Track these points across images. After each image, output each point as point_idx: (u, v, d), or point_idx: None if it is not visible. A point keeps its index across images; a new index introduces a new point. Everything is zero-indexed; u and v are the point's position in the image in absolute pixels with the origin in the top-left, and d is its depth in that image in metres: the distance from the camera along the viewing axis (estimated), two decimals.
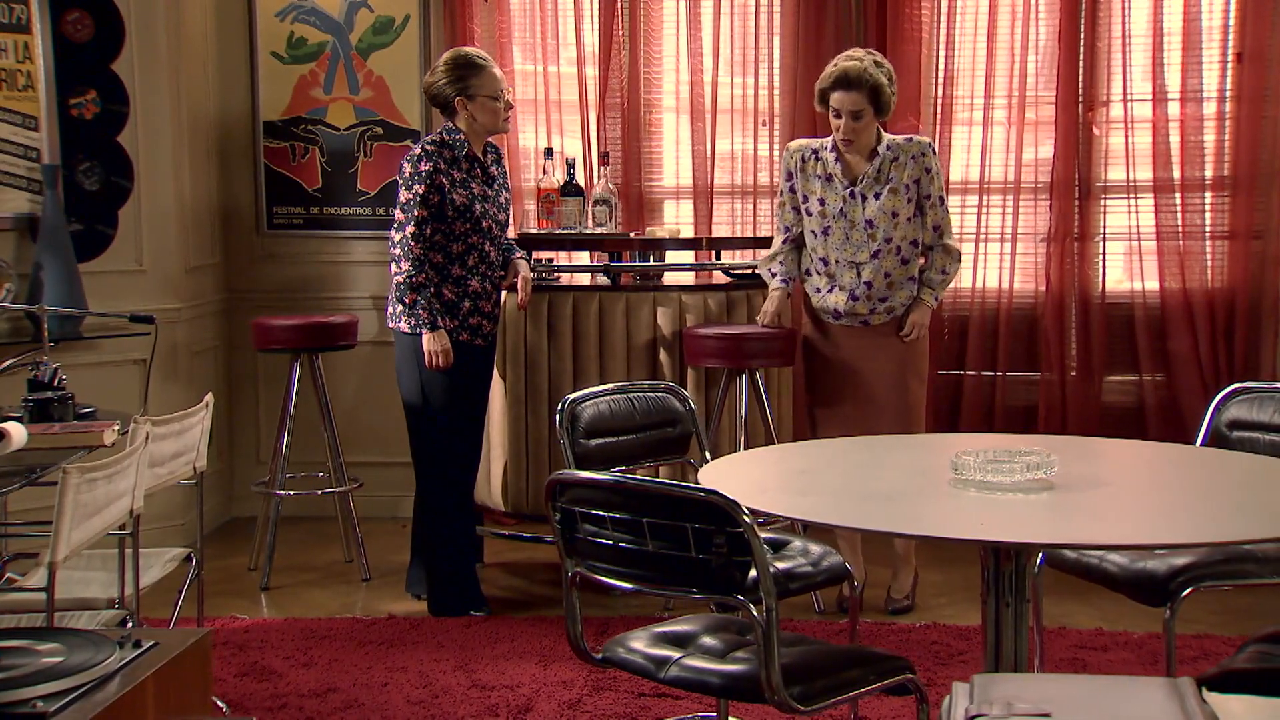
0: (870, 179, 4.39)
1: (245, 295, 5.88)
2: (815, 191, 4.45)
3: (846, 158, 4.42)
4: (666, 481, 2.60)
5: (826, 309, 4.48)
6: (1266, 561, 3.11)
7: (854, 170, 4.42)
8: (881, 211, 4.38)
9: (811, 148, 4.49)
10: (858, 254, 4.41)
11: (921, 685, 2.57)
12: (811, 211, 4.46)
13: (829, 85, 4.35)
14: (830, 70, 4.37)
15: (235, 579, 5.03)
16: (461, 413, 4.50)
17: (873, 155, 4.41)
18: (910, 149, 4.41)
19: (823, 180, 4.44)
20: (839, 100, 4.32)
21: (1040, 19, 5.54)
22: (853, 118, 4.31)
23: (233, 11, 5.81)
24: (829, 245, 4.43)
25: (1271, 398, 3.33)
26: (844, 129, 4.33)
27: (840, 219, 4.40)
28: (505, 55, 5.72)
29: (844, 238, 4.41)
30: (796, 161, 4.50)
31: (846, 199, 4.40)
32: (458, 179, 4.39)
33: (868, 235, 4.39)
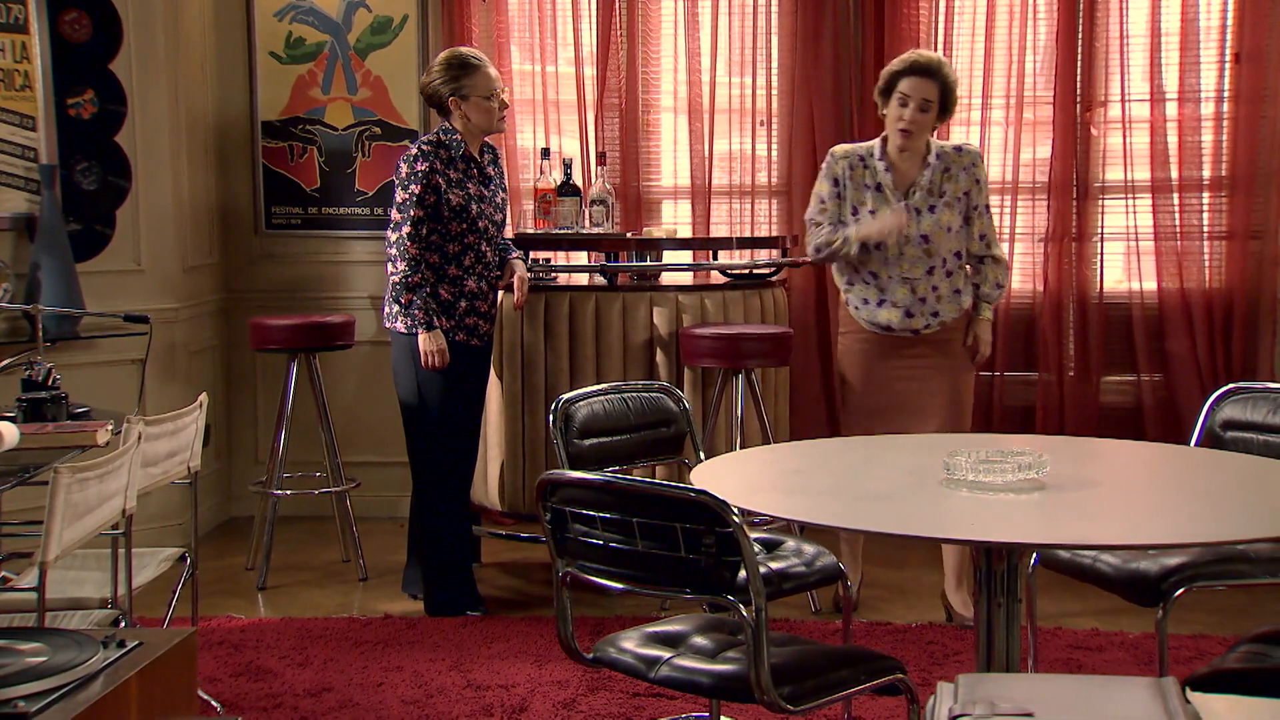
0: (924, 191, 4.24)
1: (243, 295, 5.89)
2: (866, 202, 4.26)
3: (897, 165, 4.26)
4: (656, 481, 2.60)
5: (876, 322, 4.30)
6: (1259, 561, 3.11)
7: (904, 179, 4.26)
8: (938, 227, 4.23)
9: (858, 154, 4.31)
10: (912, 269, 4.23)
11: (912, 685, 2.57)
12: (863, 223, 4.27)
13: (902, 69, 4.19)
14: (904, 57, 4.25)
15: (232, 578, 5.03)
16: (458, 413, 4.50)
17: (923, 164, 4.26)
18: (962, 159, 4.28)
19: (872, 190, 4.26)
20: (911, 86, 4.16)
21: (1038, 19, 5.54)
22: (920, 108, 4.16)
23: (231, 11, 5.82)
24: (880, 259, 4.25)
25: (1266, 398, 3.33)
26: (909, 117, 4.16)
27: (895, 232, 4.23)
28: (503, 55, 5.72)
29: (898, 253, 4.23)
30: (844, 169, 4.30)
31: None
32: (454, 179, 4.39)
33: (923, 251, 4.23)
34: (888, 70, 4.25)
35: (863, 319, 4.34)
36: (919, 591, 4.75)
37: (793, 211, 5.70)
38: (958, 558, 4.32)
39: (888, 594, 4.72)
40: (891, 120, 4.22)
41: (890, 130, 4.24)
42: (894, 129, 4.22)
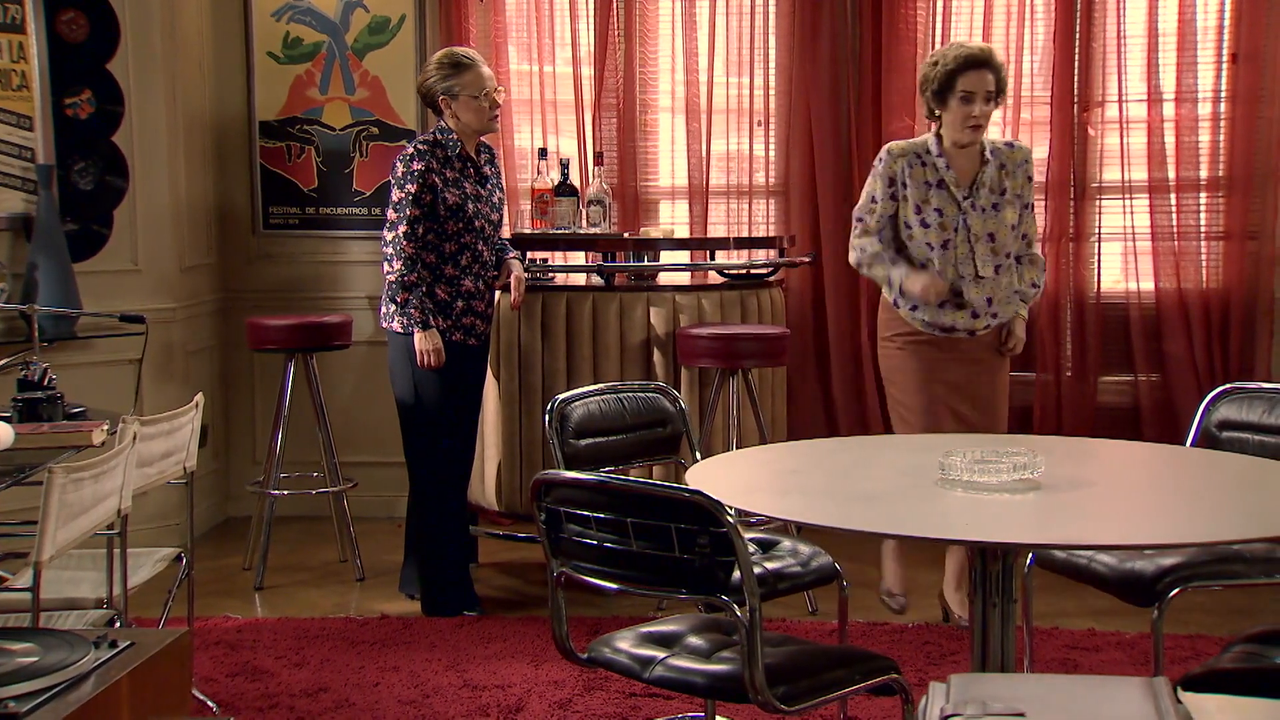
0: (985, 187, 4.10)
1: (241, 295, 5.89)
2: (930, 200, 4.08)
3: (955, 161, 4.11)
4: (650, 481, 2.60)
5: (937, 324, 4.12)
6: (1254, 561, 3.11)
7: (965, 176, 4.11)
8: (1002, 224, 4.10)
9: (915, 150, 4.13)
10: (982, 268, 4.08)
11: (907, 685, 2.57)
12: (929, 223, 4.09)
13: (959, 66, 4.01)
14: (954, 53, 4.05)
15: (229, 578, 5.03)
16: (455, 413, 4.50)
17: (981, 160, 4.12)
18: (1015, 155, 4.17)
19: (934, 187, 4.09)
20: (973, 81, 4.00)
21: (1036, 19, 5.55)
22: (985, 100, 4.02)
23: (228, 11, 5.82)
24: (950, 259, 4.08)
25: (1261, 398, 3.33)
26: (979, 112, 4.01)
27: (963, 230, 4.07)
28: (501, 55, 5.72)
29: (968, 251, 4.07)
30: (903, 167, 4.10)
31: (969, 209, 4.09)
32: (450, 178, 4.39)
33: (990, 249, 4.09)
34: (940, 70, 4.04)
35: (920, 320, 4.15)
36: (916, 591, 4.73)
37: (790, 212, 5.70)
38: (960, 558, 4.24)
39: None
40: (958, 119, 4.04)
41: (956, 128, 4.06)
42: (961, 127, 4.05)
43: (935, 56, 4.12)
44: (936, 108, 4.11)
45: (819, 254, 5.61)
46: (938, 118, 4.13)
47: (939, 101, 4.08)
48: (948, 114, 4.08)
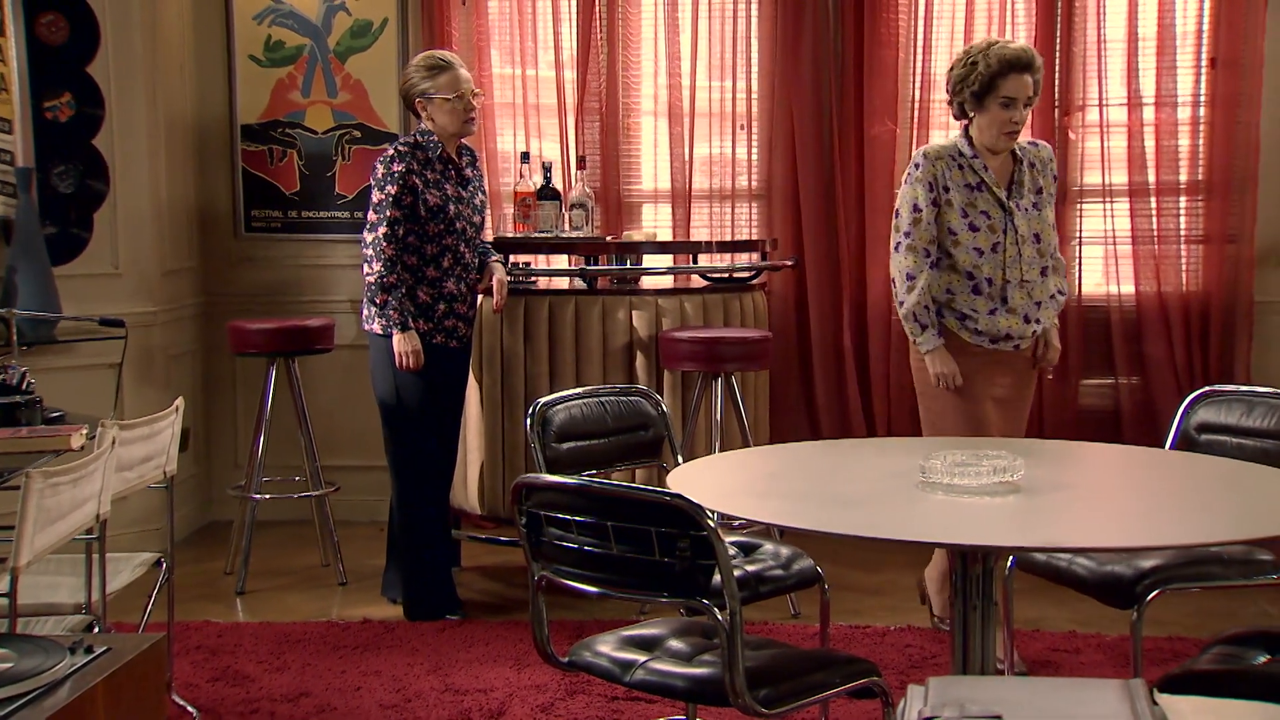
0: (1024, 187, 3.96)
1: (222, 299, 5.87)
2: (976, 204, 3.90)
3: (991, 163, 3.93)
4: (630, 485, 2.61)
5: (992, 333, 3.93)
6: (1232, 564, 3.13)
7: (1002, 177, 3.95)
8: (1045, 224, 3.96)
9: (950, 153, 3.94)
10: (1029, 271, 3.92)
11: (887, 688, 2.57)
12: (978, 226, 3.90)
13: (1002, 68, 3.82)
14: (996, 54, 3.85)
15: (211, 583, 5.02)
16: (436, 415, 4.49)
17: (1014, 160, 3.97)
18: (1041, 154, 4.04)
19: (976, 190, 3.91)
20: (1016, 86, 3.82)
21: (1016, 23, 5.57)
22: (1025, 104, 3.84)
23: (209, 14, 5.80)
24: (998, 263, 3.90)
25: (1239, 401, 3.35)
26: (1019, 118, 3.84)
27: (1010, 232, 3.90)
28: (483, 58, 5.72)
29: (1016, 254, 3.90)
30: (943, 170, 3.91)
31: (1014, 209, 3.92)
32: (431, 180, 4.39)
33: (1036, 250, 3.94)
34: (981, 72, 3.84)
35: (970, 330, 3.95)
36: (897, 594, 4.75)
37: (772, 215, 5.71)
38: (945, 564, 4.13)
39: (865, 597, 4.73)
40: (997, 123, 3.85)
41: (992, 134, 3.88)
42: (999, 133, 3.86)
43: (973, 56, 3.89)
44: (972, 110, 3.92)
45: (801, 257, 5.62)
46: (969, 118, 3.95)
47: (976, 104, 3.88)
48: (984, 117, 3.88)
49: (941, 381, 3.93)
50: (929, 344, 3.93)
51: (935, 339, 3.92)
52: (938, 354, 3.93)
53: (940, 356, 3.93)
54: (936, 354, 3.93)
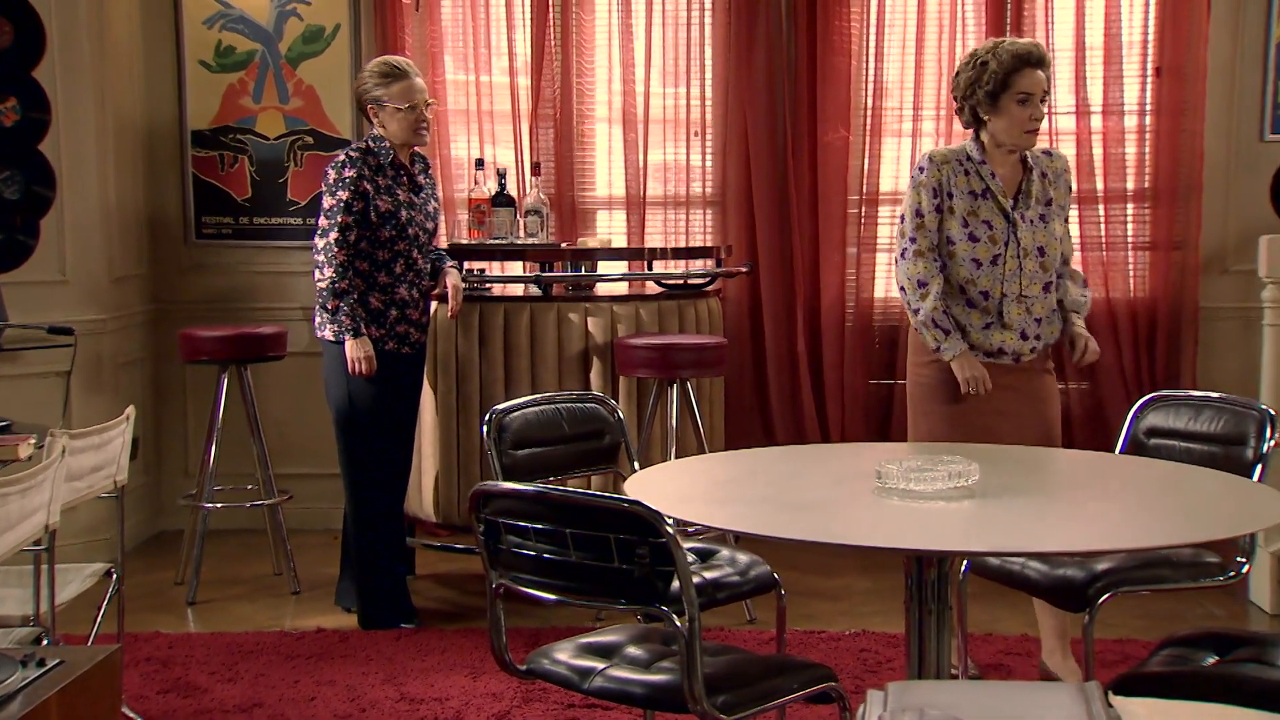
0: (1032, 198, 3.75)
1: (173, 306, 5.81)
2: (979, 212, 3.71)
3: (1000, 170, 3.75)
4: (589, 492, 2.60)
5: (984, 346, 3.74)
6: (1181, 566, 3.17)
7: (1009, 185, 3.76)
8: (1051, 237, 3.75)
9: (957, 157, 3.75)
10: (1030, 286, 3.72)
11: (844, 693, 2.59)
12: (978, 236, 3.71)
13: (1016, 64, 3.64)
14: (1007, 51, 3.68)
15: (161, 593, 4.96)
16: (390, 422, 4.47)
17: (1024, 169, 3.77)
18: (1055, 165, 3.83)
19: (980, 197, 3.72)
20: (1030, 82, 3.64)
21: (967, 32, 5.62)
22: (1041, 100, 3.68)
23: (158, 19, 5.75)
24: (997, 276, 3.71)
25: (1187, 405, 3.39)
26: (1038, 114, 3.67)
27: (1013, 245, 3.71)
28: (437, 65, 5.70)
29: (1017, 267, 3.71)
30: (949, 174, 3.72)
31: (1018, 221, 3.73)
32: (383, 185, 4.37)
33: (1039, 265, 3.73)
34: (994, 71, 3.66)
35: (971, 343, 3.77)
36: (852, 599, 4.78)
37: (727, 222, 5.73)
38: (1059, 621, 3.80)
39: (821, 602, 4.75)
40: (1016, 122, 3.66)
41: (1015, 133, 3.68)
42: (1019, 131, 3.68)
43: (981, 57, 3.71)
44: (986, 113, 3.71)
45: (755, 263, 5.64)
46: (981, 123, 3.75)
47: (991, 105, 3.68)
48: (1000, 118, 3.68)
49: (972, 386, 3.70)
50: (953, 349, 3.70)
51: (959, 343, 3.70)
52: (964, 359, 3.71)
53: (966, 361, 3.71)
54: (962, 359, 3.71)
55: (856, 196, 5.69)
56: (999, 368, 3.76)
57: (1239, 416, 3.24)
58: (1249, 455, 3.14)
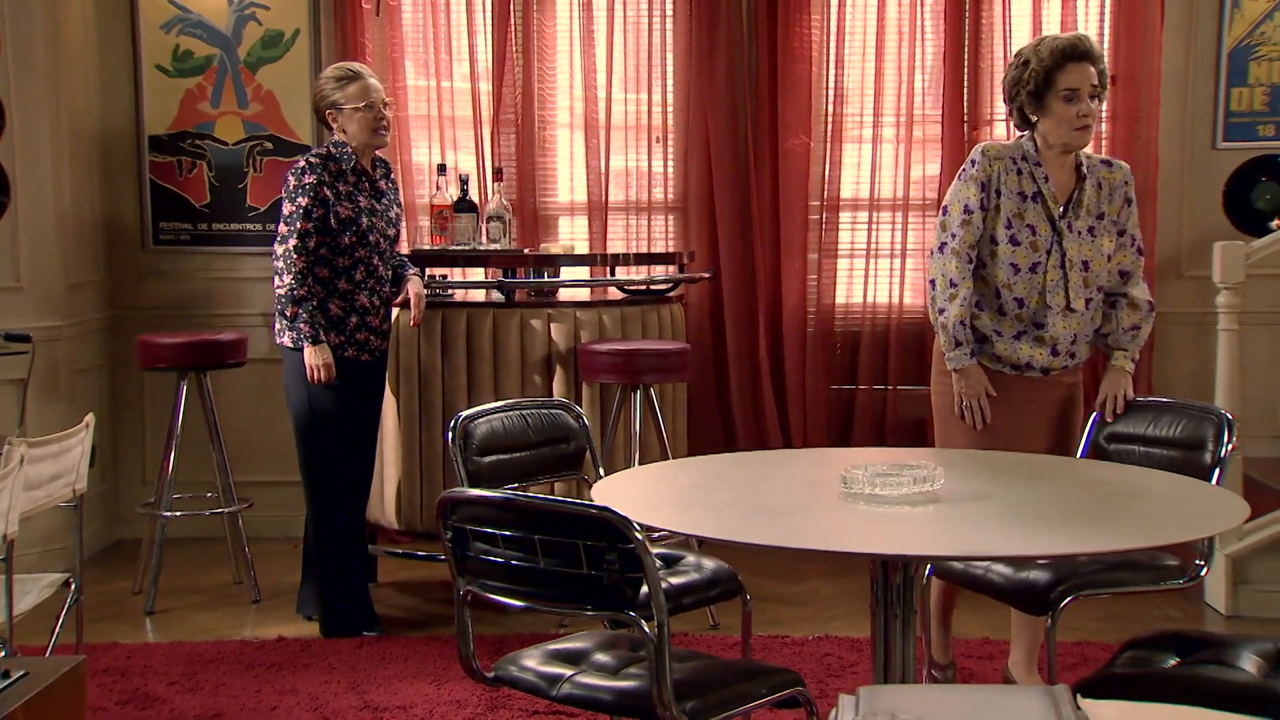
0: (1084, 208, 3.53)
1: (130, 312, 5.75)
2: (1025, 215, 3.49)
3: (1054, 174, 3.54)
4: (557, 499, 2.60)
5: (1011, 359, 3.55)
6: (1142, 569, 3.20)
7: (1062, 190, 3.53)
8: (1098, 253, 3.52)
9: (1012, 155, 3.52)
10: (1073, 300, 3.50)
11: (811, 698, 2.60)
12: (1020, 241, 3.49)
13: (1059, 59, 3.44)
14: (1048, 47, 3.49)
15: (118, 603, 4.90)
16: (351, 430, 4.44)
17: (1078, 175, 3.55)
18: (1114, 176, 3.58)
19: (1029, 200, 3.50)
20: (1076, 76, 3.43)
21: (926, 40, 5.67)
22: (1092, 95, 3.45)
23: (115, 22, 5.69)
24: (1035, 285, 3.50)
25: (1146, 411, 3.43)
26: (1086, 110, 3.44)
27: (1056, 254, 3.50)
28: (398, 70, 5.68)
29: (1060, 279, 3.49)
30: (1000, 171, 3.50)
31: (1065, 230, 3.51)
32: (343, 192, 4.35)
33: (1083, 279, 3.51)
34: (1035, 70, 3.48)
35: (988, 355, 3.57)
36: (816, 604, 4.80)
37: (689, 227, 5.75)
38: (1031, 633, 3.72)
39: (784, 607, 4.77)
40: (1064, 120, 3.45)
41: (1062, 132, 3.47)
42: (1067, 130, 3.46)
43: (1024, 55, 3.53)
44: (1034, 113, 3.52)
45: (717, 269, 5.66)
46: (1032, 125, 3.56)
47: (1036, 105, 3.50)
48: (1048, 119, 3.48)
49: (966, 403, 3.53)
50: (959, 361, 3.52)
51: (966, 357, 3.52)
52: (969, 371, 3.52)
53: (971, 375, 3.52)
54: (967, 371, 3.52)
55: (818, 202, 5.73)
56: (1025, 380, 3.56)
57: (1197, 421, 3.28)
58: (1207, 459, 3.18)
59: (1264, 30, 5.59)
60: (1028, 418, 3.57)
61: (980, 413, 3.53)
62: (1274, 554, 4.66)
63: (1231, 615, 4.65)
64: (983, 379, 3.54)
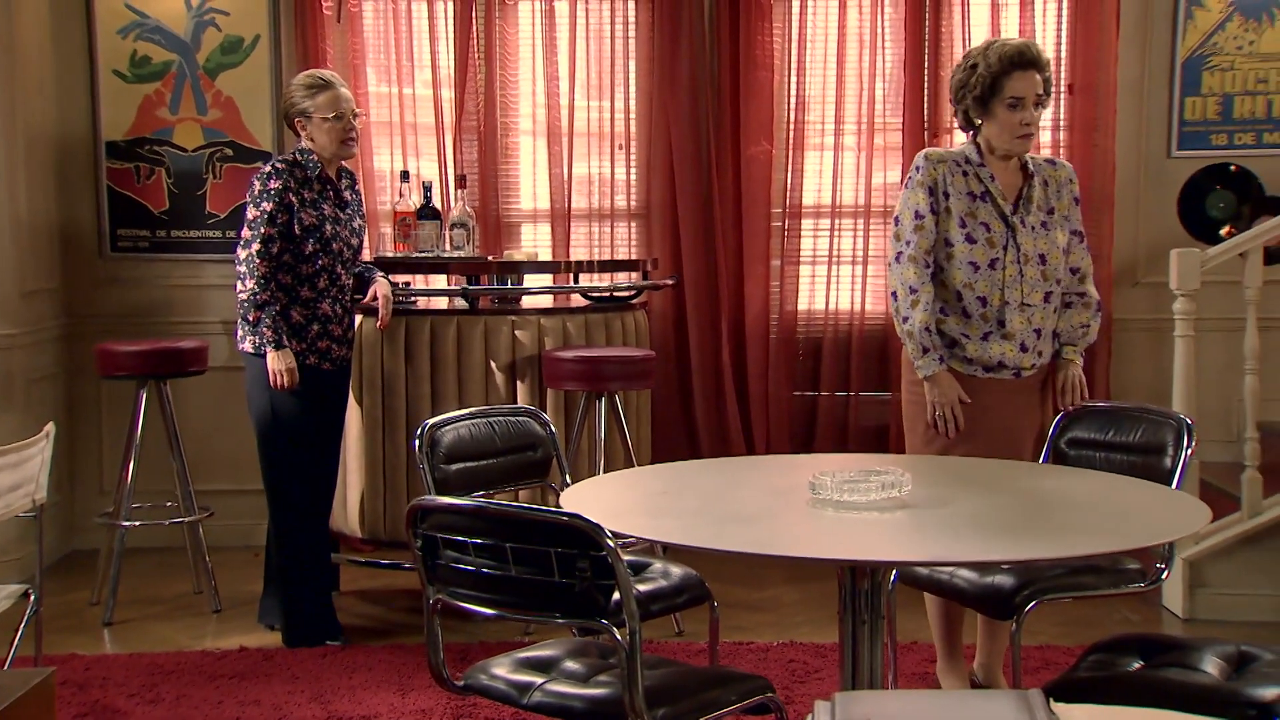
0: (1034, 204, 3.61)
1: (87, 320, 5.69)
2: (976, 214, 3.56)
3: (1000, 174, 3.61)
4: (529, 506, 2.60)
5: (983, 361, 3.58)
6: (1105, 573, 3.24)
7: (1009, 189, 3.61)
8: (1053, 246, 3.59)
9: (955, 158, 3.61)
10: (1031, 294, 3.56)
11: (781, 704, 2.61)
12: (975, 238, 3.55)
13: (1005, 66, 3.50)
14: (996, 53, 3.54)
15: (75, 614, 4.84)
16: (314, 438, 4.42)
17: (1025, 174, 3.63)
18: (1059, 174, 3.68)
19: (978, 199, 3.58)
20: (1022, 85, 3.50)
21: (886, 48, 5.71)
22: (1035, 104, 3.53)
23: (70, 27, 5.63)
24: (996, 282, 3.55)
25: (1107, 416, 3.47)
26: (1029, 119, 3.52)
27: (1012, 249, 3.56)
28: (359, 77, 5.66)
29: (1017, 274, 3.55)
30: (945, 173, 3.57)
31: (1018, 225, 3.58)
32: (308, 198, 4.32)
33: (1040, 273, 3.57)
34: (982, 74, 3.54)
35: (960, 359, 3.60)
36: (779, 610, 4.82)
37: (651, 234, 5.76)
38: (995, 635, 3.77)
39: (748, 613, 4.78)
40: (1007, 127, 3.53)
41: (1005, 138, 3.55)
42: (1010, 137, 3.54)
43: (973, 58, 3.60)
44: (978, 116, 3.60)
45: (680, 276, 5.67)
46: (976, 127, 3.63)
47: (981, 109, 3.57)
48: (992, 123, 3.56)
49: (939, 410, 3.55)
50: (929, 368, 3.55)
51: (936, 364, 3.55)
52: (939, 379, 3.55)
53: (942, 383, 3.55)
54: (938, 379, 3.55)
55: (780, 209, 5.76)
56: (998, 383, 3.60)
57: (1157, 426, 3.31)
58: (1168, 464, 3.21)
59: (1216, 40, 5.67)
60: (1003, 421, 3.60)
61: (953, 421, 3.56)
62: (1230, 558, 4.72)
63: (1188, 618, 4.71)
64: (954, 386, 3.57)
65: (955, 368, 3.60)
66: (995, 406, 3.59)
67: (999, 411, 3.60)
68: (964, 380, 3.59)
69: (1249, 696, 2.46)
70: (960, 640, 3.81)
